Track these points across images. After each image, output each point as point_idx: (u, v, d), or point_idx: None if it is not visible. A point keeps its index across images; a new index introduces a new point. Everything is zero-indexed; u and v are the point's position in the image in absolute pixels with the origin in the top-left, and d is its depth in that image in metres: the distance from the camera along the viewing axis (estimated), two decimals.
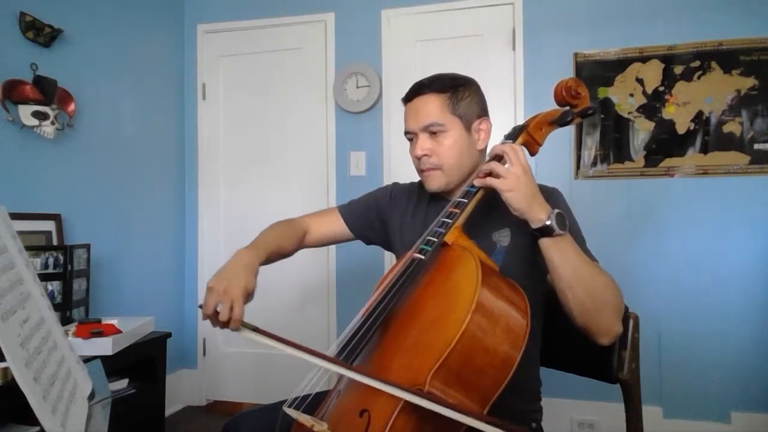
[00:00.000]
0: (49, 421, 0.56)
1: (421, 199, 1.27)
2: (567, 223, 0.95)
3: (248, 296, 0.98)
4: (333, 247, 2.64)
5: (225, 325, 0.94)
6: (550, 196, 0.99)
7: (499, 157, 1.01)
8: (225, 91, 2.89)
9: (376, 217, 1.30)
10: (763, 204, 2.23)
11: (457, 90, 1.13)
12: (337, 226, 1.30)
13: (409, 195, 1.30)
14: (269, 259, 1.12)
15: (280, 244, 1.17)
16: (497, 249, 1.10)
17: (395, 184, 1.36)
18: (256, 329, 0.92)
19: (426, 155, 1.13)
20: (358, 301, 1.04)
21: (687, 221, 2.30)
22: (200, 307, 0.96)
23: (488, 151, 1.09)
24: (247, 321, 0.94)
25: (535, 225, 0.95)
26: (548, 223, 0.93)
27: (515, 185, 0.95)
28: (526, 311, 0.88)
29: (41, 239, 1.99)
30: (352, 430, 0.83)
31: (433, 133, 1.13)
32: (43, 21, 2.02)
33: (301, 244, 1.26)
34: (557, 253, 0.94)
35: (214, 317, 0.95)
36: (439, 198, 1.21)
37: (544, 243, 0.95)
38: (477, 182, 1.01)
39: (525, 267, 1.07)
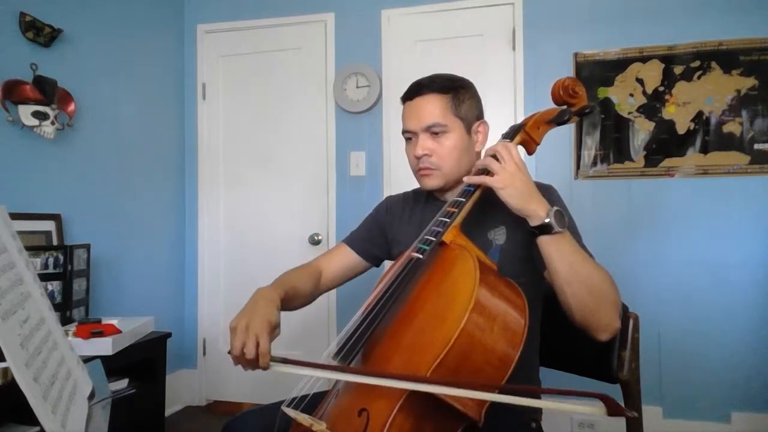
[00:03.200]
0: (49, 421, 0.56)
1: (416, 203, 1.28)
2: (566, 220, 0.95)
3: (273, 330, 0.94)
4: None
5: (254, 363, 0.89)
6: (545, 193, 0.99)
7: (493, 157, 1.02)
8: (225, 91, 2.89)
9: (377, 233, 1.32)
10: (763, 204, 2.23)
11: (458, 91, 1.14)
12: (348, 257, 1.30)
13: (404, 202, 1.31)
14: (287, 297, 1.08)
15: (296, 284, 1.15)
16: (493, 247, 1.10)
17: (388, 198, 1.38)
18: (285, 360, 0.88)
19: (426, 155, 1.13)
20: (357, 300, 1.04)
21: (687, 221, 2.30)
22: (229, 353, 0.92)
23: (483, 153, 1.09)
24: (274, 354, 0.90)
25: (533, 222, 0.94)
26: (547, 220, 0.92)
27: (509, 182, 0.95)
28: (524, 310, 0.88)
29: (41, 239, 1.99)
30: (351, 429, 0.83)
31: (434, 134, 1.13)
32: (43, 21, 2.02)
33: (318, 285, 1.25)
34: (555, 250, 0.94)
35: (242, 358, 0.90)
36: (435, 199, 1.22)
37: (543, 240, 0.95)
38: (471, 179, 1.00)
39: (521, 265, 1.07)
